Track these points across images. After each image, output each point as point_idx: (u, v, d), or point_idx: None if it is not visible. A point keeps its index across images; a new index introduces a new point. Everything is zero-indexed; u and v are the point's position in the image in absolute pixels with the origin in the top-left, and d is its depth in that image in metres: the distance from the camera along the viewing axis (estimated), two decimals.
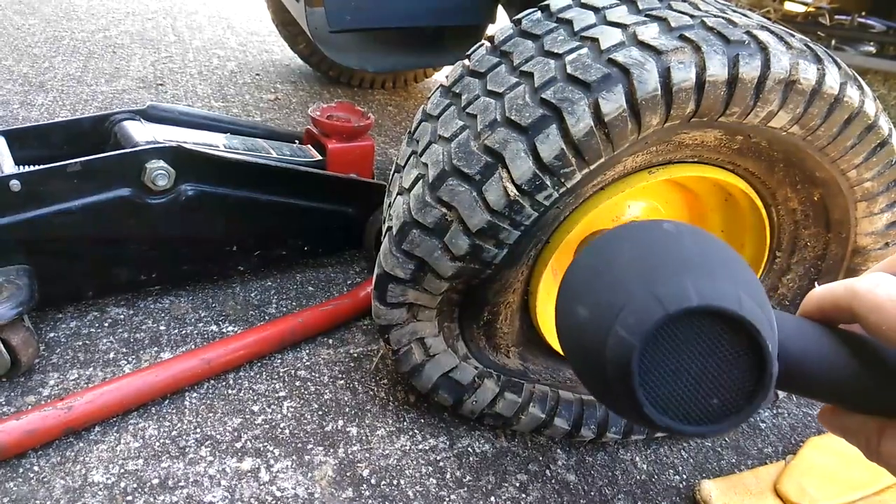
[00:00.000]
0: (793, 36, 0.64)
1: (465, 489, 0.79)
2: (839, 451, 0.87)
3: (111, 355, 0.91)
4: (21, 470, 0.73)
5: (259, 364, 0.93)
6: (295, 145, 1.20)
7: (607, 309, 0.25)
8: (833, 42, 1.54)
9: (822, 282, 0.82)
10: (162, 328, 0.97)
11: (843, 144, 0.66)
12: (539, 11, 0.71)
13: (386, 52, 1.77)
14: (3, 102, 1.65)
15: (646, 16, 0.63)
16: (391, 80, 2.17)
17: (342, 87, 2.14)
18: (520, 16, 0.72)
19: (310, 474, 0.78)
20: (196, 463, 0.77)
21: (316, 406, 0.88)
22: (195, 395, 0.87)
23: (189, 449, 0.79)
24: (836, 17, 1.56)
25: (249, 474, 0.77)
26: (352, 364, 0.96)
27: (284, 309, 1.06)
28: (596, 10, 0.66)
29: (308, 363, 0.95)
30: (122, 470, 0.75)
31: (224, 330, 0.99)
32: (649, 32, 0.60)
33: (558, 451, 0.87)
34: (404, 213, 0.68)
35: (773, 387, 0.23)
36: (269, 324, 0.95)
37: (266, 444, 0.81)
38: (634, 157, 0.67)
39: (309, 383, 0.91)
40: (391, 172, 0.80)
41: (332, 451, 0.81)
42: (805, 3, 1.58)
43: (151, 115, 1.11)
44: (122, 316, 0.99)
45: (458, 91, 0.71)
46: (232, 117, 1.31)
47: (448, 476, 0.80)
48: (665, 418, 0.24)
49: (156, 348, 0.93)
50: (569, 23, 0.66)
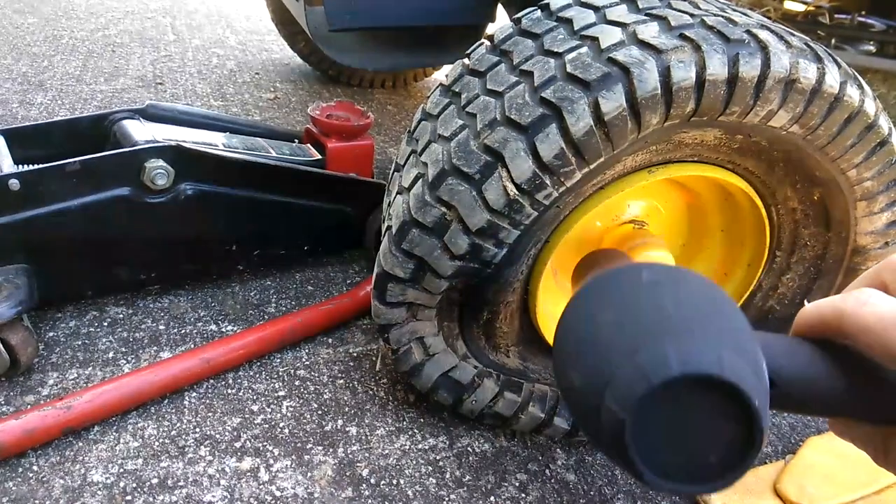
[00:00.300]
0: (793, 35, 0.64)
1: (465, 489, 0.79)
2: (839, 451, 0.87)
3: (110, 355, 0.91)
4: (20, 469, 0.73)
5: (258, 363, 0.93)
6: (294, 144, 1.20)
7: (596, 377, 0.25)
8: (833, 41, 1.54)
9: (822, 282, 0.82)
10: (161, 327, 0.97)
11: (843, 144, 0.66)
12: (539, 10, 0.71)
13: (386, 52, 1.77)
14: (2, 101, 1.65)
15: (646, 15, 0.63)
16: (391, 80, 2.17)
17: (342, 86, 2.14)
18: (519, 15, 0.72)
19: (309, 474, 0.78)
20: (195, 462, 0.77)
21: (315, 406, 0.88)
22: (194, 394, 0.87)
23: (188, 448, 0.79)
24: (836, 16, 1.56)
25: (249, 474, 0.77)
26: (351, 363, 0.96)
27: (284, 308, 1.05)
28: (596, 8, 0.66)
29: (308, 363, 0.95)
30: (122, 469, 0.75)
31: (223, 329, 0.99)
32: (649, 31, 0.60)
33: (558, 450, 0.87)
34: (404, 212, 0.68)
35: (765, 438, 0.24)
36: (269, 323, 0.95)
37: (265, 443, 0.81)
38: (634, 157, 0.67)
39: (308, 383, 0.91)
40: (391, 171, 0.80)
41: (331, 450, 0.81)
42: (805, 3, 1.58)
43: (151, 115, 1.10)
44: (121, 315, 0.99)
45: (457, 90, 0.71)
46: (231, 116, 1.31)
47: (448, 475, 0.80)
48: (666, 483, 0.24)
49: (155, 348, 0.93)
50: (569, 22, 0.66)
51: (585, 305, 0.30)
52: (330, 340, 1.00)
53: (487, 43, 0.73)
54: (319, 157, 1.17)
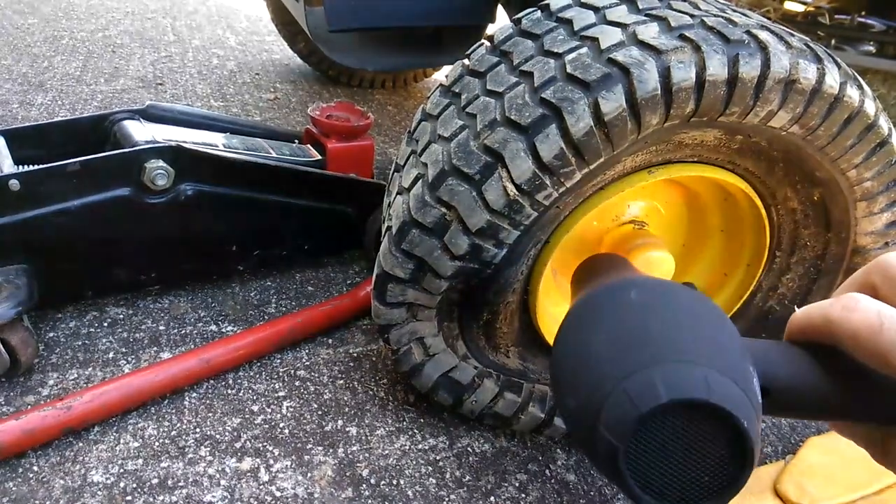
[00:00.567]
0: (793, 35, 0.64)
1: (465, 489, 0.79)
2: (839, 451, 0.87)
3: (110, 355, 0.91)
4: (20, 470, 0.73)
5: (258, 364, 0.93)
6: (294, 145, 1.20)
7: (589, 402, 0.26)
8: (833, 41, 1.55)
9: (822, 282, 0.82)
10: (161, 328, 0.97)
11: (843, 144, 0.66)
12: (539, 11, 0.71)
13: (386, 52, 1.77)
14: (2, 102, 1.65)
15: (646, 15, 0.63)
16: (391, 80, 2.17)
17: (342, 86, 2.14)
18: (519, 15, 0.72)
19: (309, 474, 0.78)
20: (195, 463, 0.77)
21: (315, 406, 0.88)
22: (194, 394, 0.87)
23: (188, 449, 0.79)
24: (836, 16, 1.56)
25: (249, 474, 0.77)
26: (351, 364, 0.96)
27: (284, 309, 1.06)
28: (596, 9, 0.66)
29: (307, 363, 0.95)
30: (122, 470, 0.75)
31: (223, 330, 0.99)
32: (649, 32, 0.60)
33: (558, 450, 0.87)
34: (404, 212, 0.68)
35: (756, 456, 0.24)
36: (269, 323, 0.95)
37: (265, 443, 0.81)
38: (634, 157, 0.67)
39: (308, 383, 0.91)
40: (391, 172, 0.80)
41: (331, 450, 0.81)
42: (805, 3, 1.59)
43: (151, 115, 1.10)
44: (121, 316, 0.99)
45: (457, 91, 0.71)
46: (231, 117, 1.31)
47: (448, 476, 0.80)
48: None
49: (155, 348, 0.93)
50: (569, 22, 0.66)
51: (577, 327, 0.31)
52: (330, 341, 1.00)
53: (487, 43, 0.73)
54: (319, 157, 1.17)
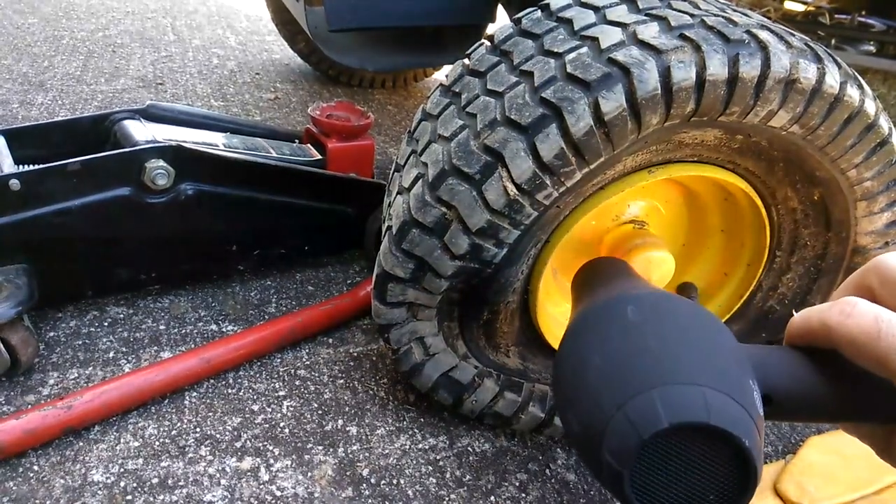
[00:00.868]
0: (793, 35, 0.64)
1: (465, 488, 0.79)
2: (839, 451, 0.87)
3: (111, 354, 0.91)
4: (21, 469, 0.73)
5: (259, 363, 0.93)
6: (295, 144, 1.20)
7: (592, 427, 0.27)
8: (833, 41, 1.54)
9: (822, 282, 0.82)
10: (161, 327, 0.97)
11: (843, 144, 0.66)
12: (539, 11, 0.71)
13: (386, 52, 1.77)
14: (2, 101, 1.65)
15: (646, 15, 0.63)
16: (391, 80, 2.17)
17: (342, 86, 2.14)
18: (520, 15, 0.72)
19: (309, 474, 0.78)
20: (196, 462, 0.77)
21: (316, 405, 0.88)
22: (195, 394, 0.87)
23: (189, 448, 0.79)
24: (836, 16, 1.56)
25: (249, 474, 0.77)
26: (352, 363, 0.96)
27: (284, 308, 1.06)
28: (596, 9, 0.66)
29: (308, 362, 0.95)
30: (122, 469, 0.75)
31: (224, 329, 0.99)
32: (649, 31, 0.60)
33: (558, 450, 0.87)
34: (404, 212, 0.68)
35: (760, 473, 0.25)
36: (269, 323, 0.95)
37: (266, 443, 0.81)
38: (634, 157, 0.67)
39: (309, 383, 0.91)
40: (391, 172, 0.80)
41: (331, 450, 0.81)
42: (805, 3, 1.59)
43: (151, 115, 1.10)
44: (121, 315, 0.99)
45: (457, 90, 0.71)
46: (232, 116, 1.31)
47: (448, 475, 0.80)
48: None
49: (155, 347, 0.93)
50: (569, 22, 0.66)
51: (576, 348, 0.32)
52: (330, 340, 1.00)
53: (487, 43, 0.73)
54: (320, 157, 1.17)
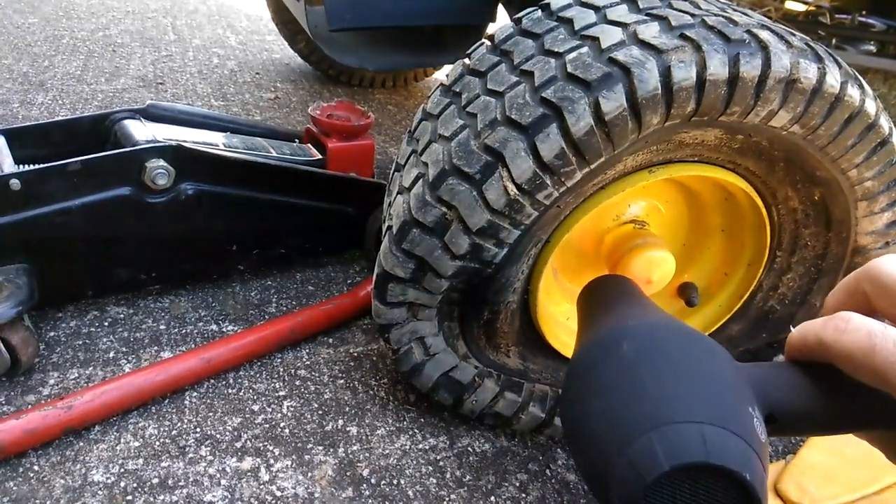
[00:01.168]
0: (793, 35, 0.64)
1: (465, 489, 0.79)
2: (839, 451, 0.87)
3: (111, 354, 0.91)
4: (21, 469, 0.73)
5: (259, 363, 0.93)
6: (295, 144, 1.20)
7: (598, 470, 0.27)
8: (833, 41, 1.54)
9: (823, 282, 0.82)
10: (162, 327, 0.97)
11: (844, 143, 0.66)
12: (539, 10, 0.71)
13: (386, 52, 1.77)
14: (2, 101, 1.65)
15: (646, 15, 0.63)
16: (391, 79, 2.17)
17: (342, 86, 2.14)
18: (520, 15, 0.72)
19: (310, 474, 0.78)
20: (196, 462, 0.77)
21: (316, 405, 0.88)
22: (195, 394, 0.87)
23: (189, 448, 0.79)
24: (837, 16, 1.56)
25: (249, 474, 0.77)
26: (352, 363, 0.96)
27: (284, 308, 1.06)
28: (596, 8, 0.66)
29: (308, 362, 0.95)
30: (122, 469, 0.75)
31: (224, 329, 0.99)
32: (650, 31, 0.60)
33: (558, 450, 0.87)
34: (404, 212, 0.68)
35: (764, 501, 0.25)
36: (269, 323, 0.95)
37: (266, 443, 0.81)
38: (635, 157, 0.67)
39: (309, 383, 0.91)
40: (391, 171, 0.80)
41: (331, 450, 0.81)
42: (806, 2, 1.58)
43: (151, 114, 1.10)
44: (121, 315, 0.99)
45: (458, 90, 0.71)
46: (232, 116, 1.31)
47: (448, 475, 0.80)
48: None
49: (156, 347, 0.93)
50: (569, 22, 0.66)
51: (577, 391, 0.32)
52: (330, 340, 1.00)
53: (488, 43, 0.73)
54: (320, 156, 1.17)
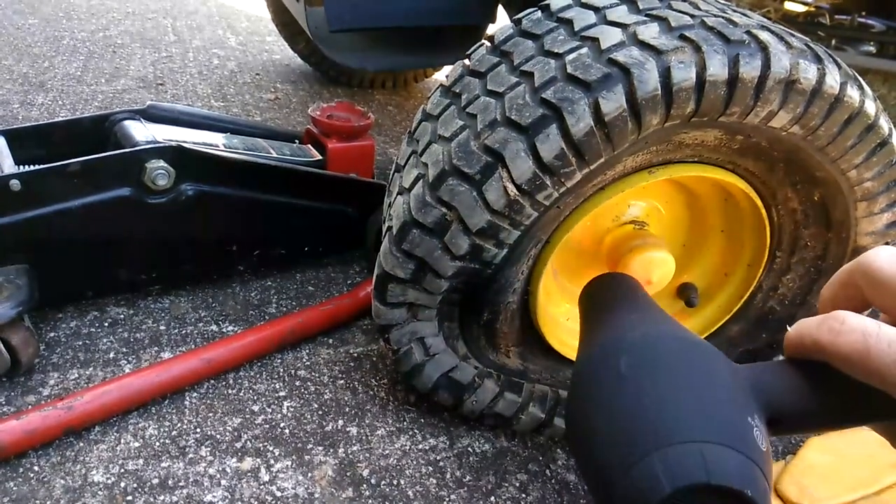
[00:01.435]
0: (793, 36, 0.64)
1: (465, 489, 0.79)
2: (839, 451, 0.87)
3: (111, 355, 0.91)
4: (21, 470, 0.73)
5: (259, 364, 0.93)
6: (295, 145, 1.20)
7: (603, 491, 0.28)
8: (833, 42, 1.54)
9: (823, 282, 0.82)
10: (162, 328, 0.97)
11: (844, 144, 0.66)
12: (539, 11, 0.71)
13: (386, 52, 1.77)
14: (2, 102, 1.65)
15: (646, 15, 0.63)
16: (391, 80, 2.17)
17: (342, 86, 2.14)
18: (520, 15, 0.72)
19: (310, 474, 0.78)
20: (196, 463, 0.77)
21: (316, 406, 0.88)
22: (195, 394, 0.87)
23: (189, 449, 0.79)
24: (837, 16, 1.56)
25: (249, 474, 0.77)
26: (352, 364, 0.96)
27: (284, 308, 1.06)
28: (596, 9, 0.66)
29: (308, 363, 0.95)
30: (122, 470, 0.75)
31: (224, 329, 0.99)
32: (649, 32, 0.60)
33: (558, 450, 0.87)
34: (404, 212, 0.68)
35: None
36: (269, 323, 0.95)
37: (266, 443, 0.81)
38: (634, 157, 0.67)
39: (309, 383, 0.91)
40: (391, 172, 0.80)
41: (332, 450, 0.81)
42: (805, 3, 1.58)
43: (151, 115, 1.10)
44: (122, 316, 0.99)
45: (458, 91, 0.71)
46: (232, 117, 1.31)
47: (448, 476, 0.80)
48: None
49: (156, 348, 0.93)
50: (569, 22, 0.66)
51: (579, 401, 0.33)
52: (330, 341, 1.00)
53: (488, 44, 0.73)
54: (320, 157, 1.17)
